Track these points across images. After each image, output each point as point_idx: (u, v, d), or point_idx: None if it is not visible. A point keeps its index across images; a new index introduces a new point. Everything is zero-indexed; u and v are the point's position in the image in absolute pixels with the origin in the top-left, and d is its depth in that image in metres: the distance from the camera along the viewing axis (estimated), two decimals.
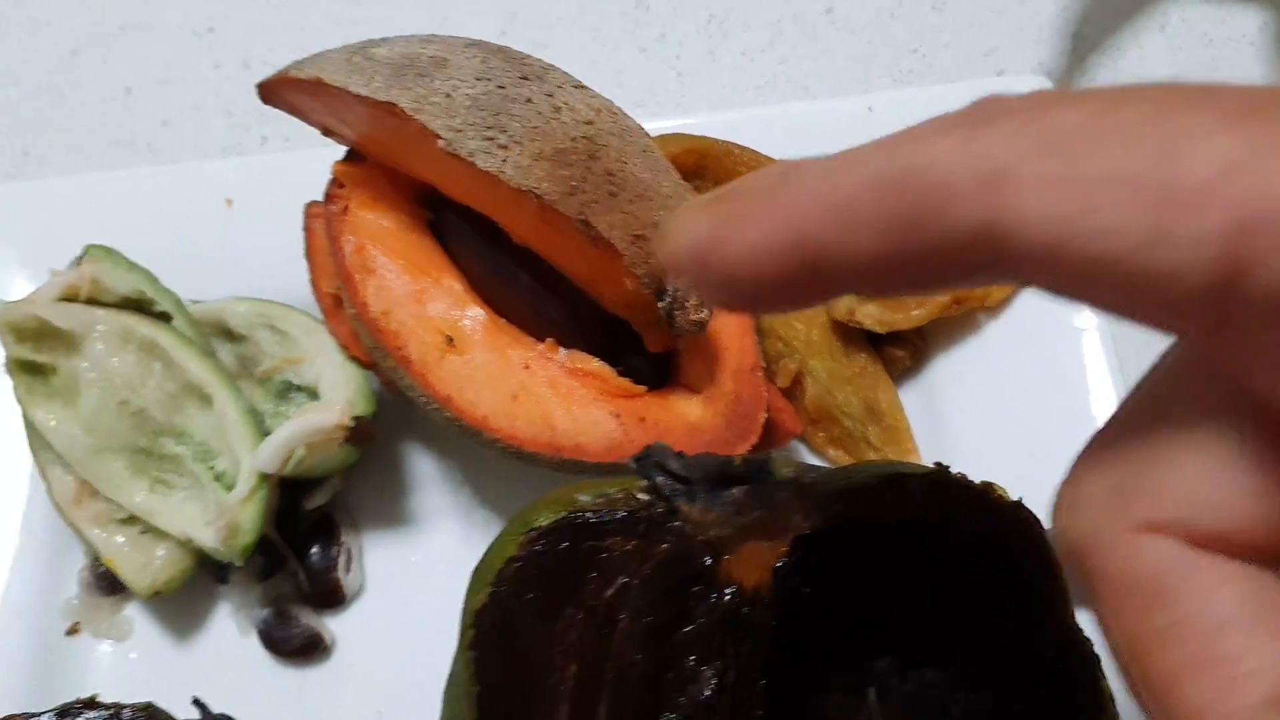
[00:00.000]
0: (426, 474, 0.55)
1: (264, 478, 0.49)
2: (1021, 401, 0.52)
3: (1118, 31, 0.64)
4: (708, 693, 0.40)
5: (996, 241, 0.19)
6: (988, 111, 0.20)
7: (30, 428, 0.52)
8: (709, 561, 0.40)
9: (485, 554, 0.41)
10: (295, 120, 0.64)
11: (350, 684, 0.51)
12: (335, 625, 0.52)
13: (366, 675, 0.51)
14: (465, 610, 0.40)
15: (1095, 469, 0.21)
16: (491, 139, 0.43)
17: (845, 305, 0.52)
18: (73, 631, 0.53)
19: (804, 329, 0.53)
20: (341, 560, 0.52)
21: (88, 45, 0.69)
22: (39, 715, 0.44)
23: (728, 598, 0.40)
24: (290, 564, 0.52)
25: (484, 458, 0.54)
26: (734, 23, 0.66)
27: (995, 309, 0.53)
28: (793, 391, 0.53)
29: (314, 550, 0.52)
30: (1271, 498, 0.19)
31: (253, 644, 0.52)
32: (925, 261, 0.21)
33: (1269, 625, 0.18)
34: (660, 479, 0.40)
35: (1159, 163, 0.18)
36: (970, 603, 0.43)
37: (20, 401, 0.52)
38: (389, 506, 0.54)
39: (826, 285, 0.23)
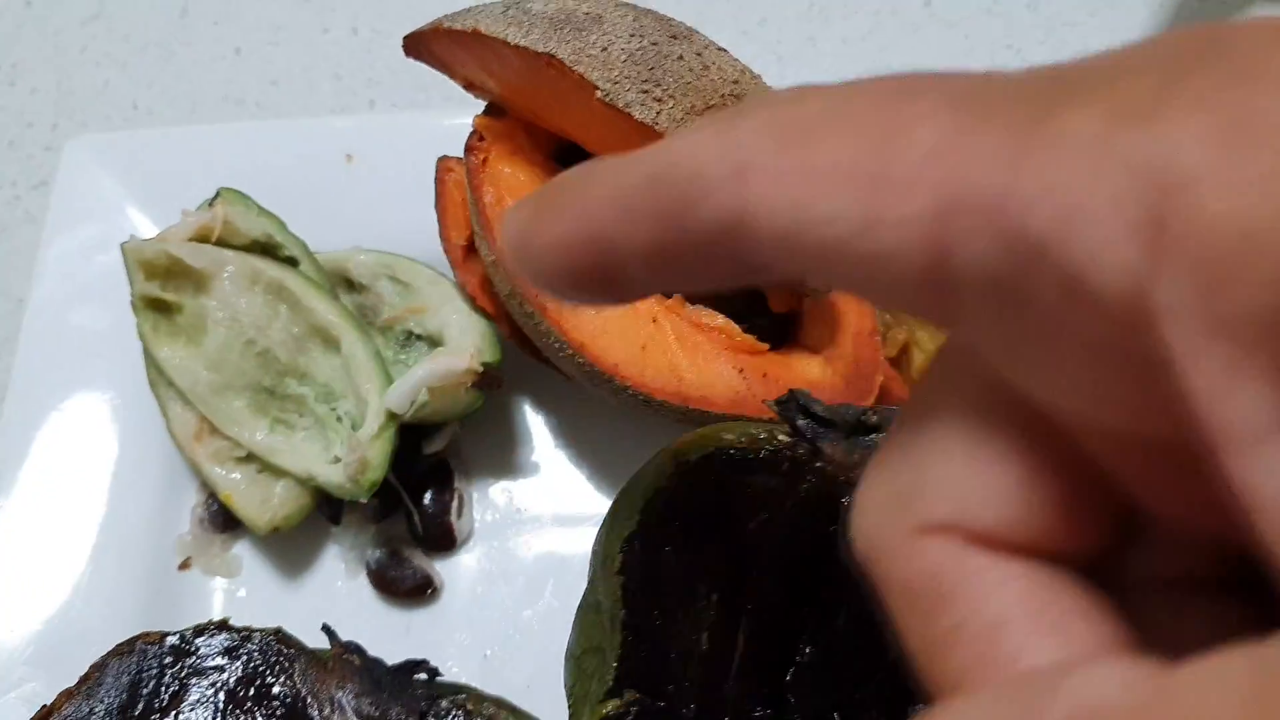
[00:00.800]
0: (537, 430, 0.56)
1: (393, 417, 0.50)
2: None
3: None
4: (843, 620, 0.41)
5: (745, 231, 0.19)
6: (749, 105, 0.21)
7: (152, 364, 0.54)
8: (848, 500, 0.41)
9: (629, 484, 0.42)
10: (401, 87, 0.66)
11: (457, 626, 0.52)
12: (444, 569, 0.54)
13: (473, 618, 0.52)
14: (613, 537, 0.41)
15: (880, 473, 0.21)
16: (647, 92, 0.44)
17: None
18: (184, 566, 0.54)
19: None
20: (454, 505, 0.54)
21: (198, 4, 0.70)
22: (175, 633, 0.45)
23: None
24: (405, 507, 0.53)
25: (594, 418, 0.56)
26: (835, 10, 0.68)
27: None
28: (899, 361, 0.55)
29: (428, 494, 0.54)
30: (1033, 492, 0.18)
31: (360, 585, 0.53)
32: (691, 253, 0.21)
33: (1047, 622, 0.18)
34: (802, 421, 0.42)
35: (876, 149, 0.18)
36: None
37: (144, 338, 0.53)
38: (501, 457, 0.56)
39: (620, 278, 0.23)
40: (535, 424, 0.56)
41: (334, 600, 0.53)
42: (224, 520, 0.54)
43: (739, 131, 0.20)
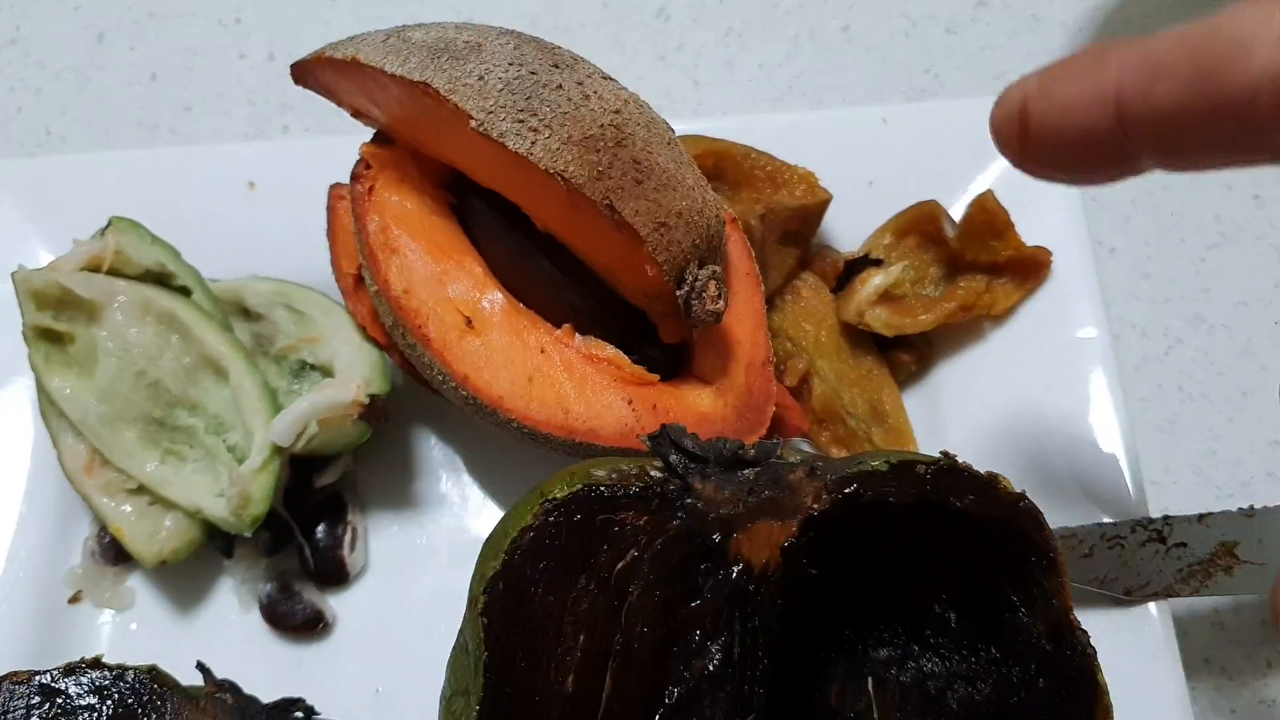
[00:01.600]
0: (434, 460, 0.55)
1: (277, 450, 0.49)
2: (1022, 408, 0.53)
3: None
4: (713, 666, 0.40)
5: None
6: None
7: (44, 395, 0.53)
8: (719, 538, 0.40)
9: (499, 523, 0.42)
10: (315, 111, 0.66)
11: (349, 661, 0.52)
12: (337, 603, 0.53)
13: (366, 653, 0.52)
14: (476, 578, 0.41)
15: None
16: (523, 121, 0.44)
17: (855, 308, 0.53)
18: (75, 600, 0.53)
19: (813, 331, 0.54)
20: (347, 539, 0.53)
21: (115, 30, 0.70)
22: (44, 672, 0.44)
23: (736, 575, 0.40)
24: (296, 540, 0.53)
25: (491, 446, 0.55)
26: (752, 36, 0.67)
27: (1000, 318, 0.54)
28: (800, 391, 0.54)
29: (320, 528, 0.53)
30: None
31: (254, 619, 0.53)
32: (1221, 110, 0.24)
33: None
34: (674, 456, 0.41)
35: None
36: (971, 592, 0.43)
37: (36, 369, 0.53)
38: (396, 489, 0.55)
39: (1129, 140, 0.26)
40: (431, 454, 0.55)
41: (226, 635, 0.52)
42: (116, 553, 0.53)
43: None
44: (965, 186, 0.56)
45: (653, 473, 0.41)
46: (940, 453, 0.41)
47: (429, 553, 0.54)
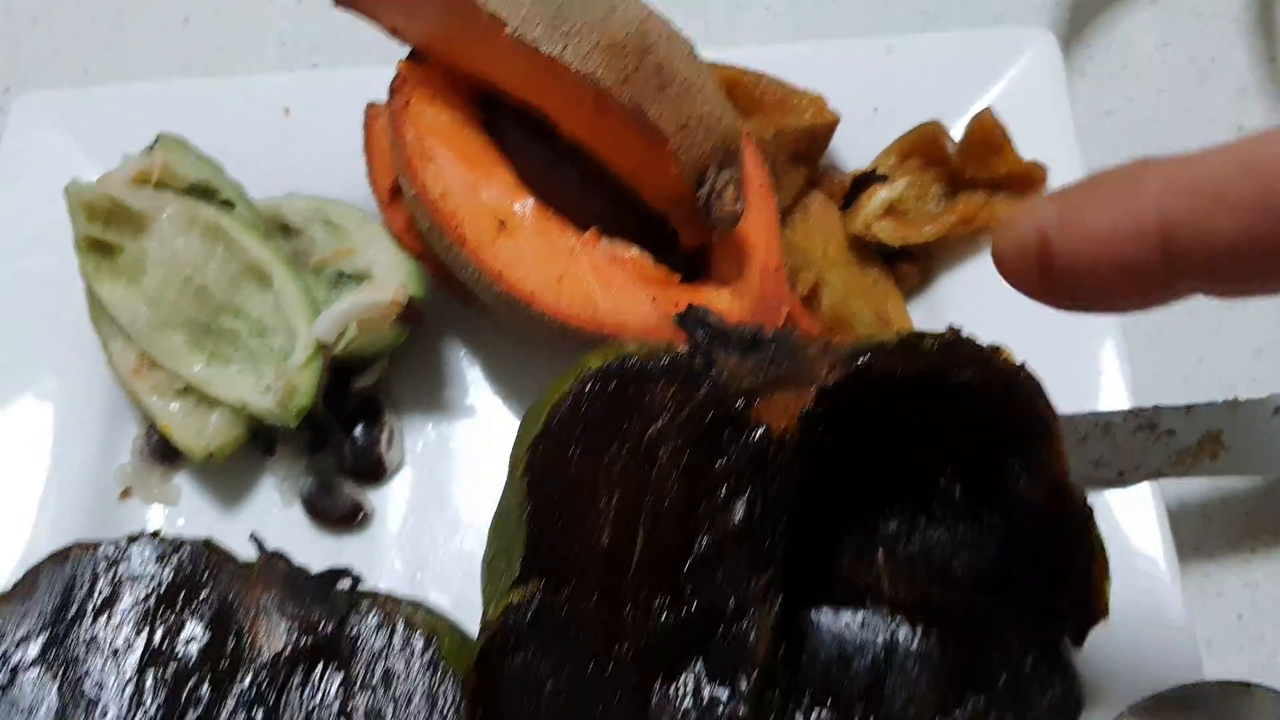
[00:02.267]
0: (464, 369, 0.58)
1: (320, 347, 0.52)
2: (1019, 317, 0.56)
3: (1116, 2, 0.70)
4: (737, 519, 0.43)
5: None
6: None
7: (94, 303, 0.56)
8: (741, 407, 0.44)
9: (539, 398, 0.45)
10: (343, 49, 0.69)
11: (388, 551, 0.55)
12: (375, 498, 0.56)
13: (403, 543, 0.55)
14: (518, 443, 0.44)
15: None
16: (554, 28, 0.47)
17: (862, 220, 0.57)
18: (125, 495, 0.56)
19: (822, 244, 0.57)
20: (384, 437, 0.56)
21: None
22: (106, 542, 0.47)
23: (757, 439, 0.43)
24: (336, 438, 0.56)
25: (519, 356, 0.58)
26: None
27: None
28: (810, 301, 0.57)
29: (359, 427, 0.56)
30: None
31: (295, 514, 0.56)
32: None
33: None
34: (700, 333, 0.44)
35: None
36: (974, 465, 0.47)
37: (87, 278, 0.56)
38: (428, 395, 0.58)
39: (1174, 274, 0.23)
40: (461, 361, 0.58)
41: (268, 529, 0.55)
42: (163, 451, 0.56)
43: None
44: (965, 110, 0.59)
45: (680, 350, 0.44)
46: (947, 327, 0.44)
47: (461, 452, 0.57)
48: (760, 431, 0.44)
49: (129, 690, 0.44)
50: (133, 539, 0.47)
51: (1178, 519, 0.56)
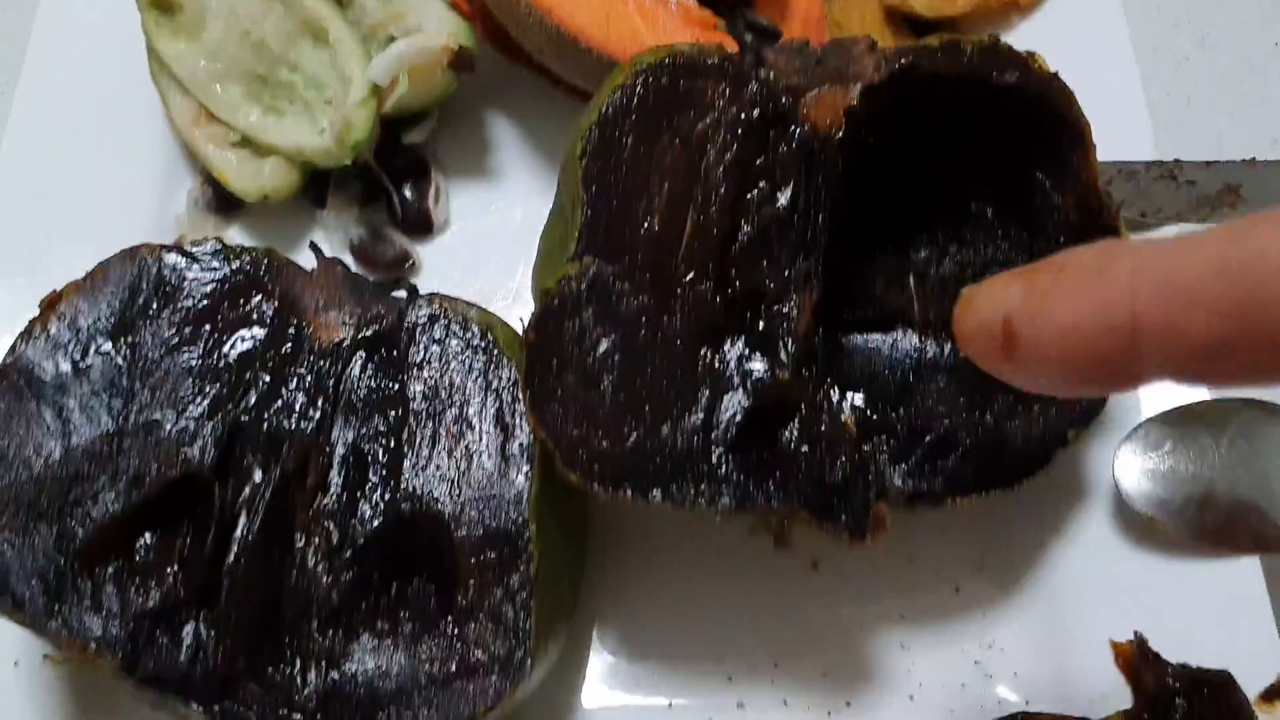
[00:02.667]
0: (510, 131, 0.61)
1: (375, 90, 0.54)
2: None
3: None
4: (781, 208, 0.45)
5: None
6: None
7: (154, 59, 0.58)
8: (788, 102, 0.46)
9: (594, 95, 0.47)
10: None
11: None
12: (423, 252, 0.58)
13: (450, 291, 0.56)
14: (575, 134, 0.46)
15: None
16: None
17: None
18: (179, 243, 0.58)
19: (858, 15, 0.59)
20: (431, 193, 0.58)
21: None
22: (173, 246, 0.48)
23: (803, 134, 0.45)
24: (385, 192, 0.57)
25: (565, 122, 0.60)
26: None
27: (1028, 10, 0.59)
28: None
29: (407, 183, 0.58)
30: None
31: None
32: (1265, 345, 0.21)
33: None
34: (750, 36, 0.46)
35: None
36: (1005, 183, 0.49)
37: (148, 34, 0.57)
38: (474, 159, 0.60)
39: (1138, 368, 0.22)
40: (507, 127, 0.60)
41: None
42: (218, 202, 0.58)
43: None
44: None
45: (730, 52, 0.46)
46: (987, 35, 0.46)
47: (505, 211, 0.59)
48: (807, 127, 0.46)
49: (192, 374, 0.46)
50: (197, 243, 0.48)
51: None
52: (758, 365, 0.44)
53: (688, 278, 0.44)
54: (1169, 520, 0.47)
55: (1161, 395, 0.50)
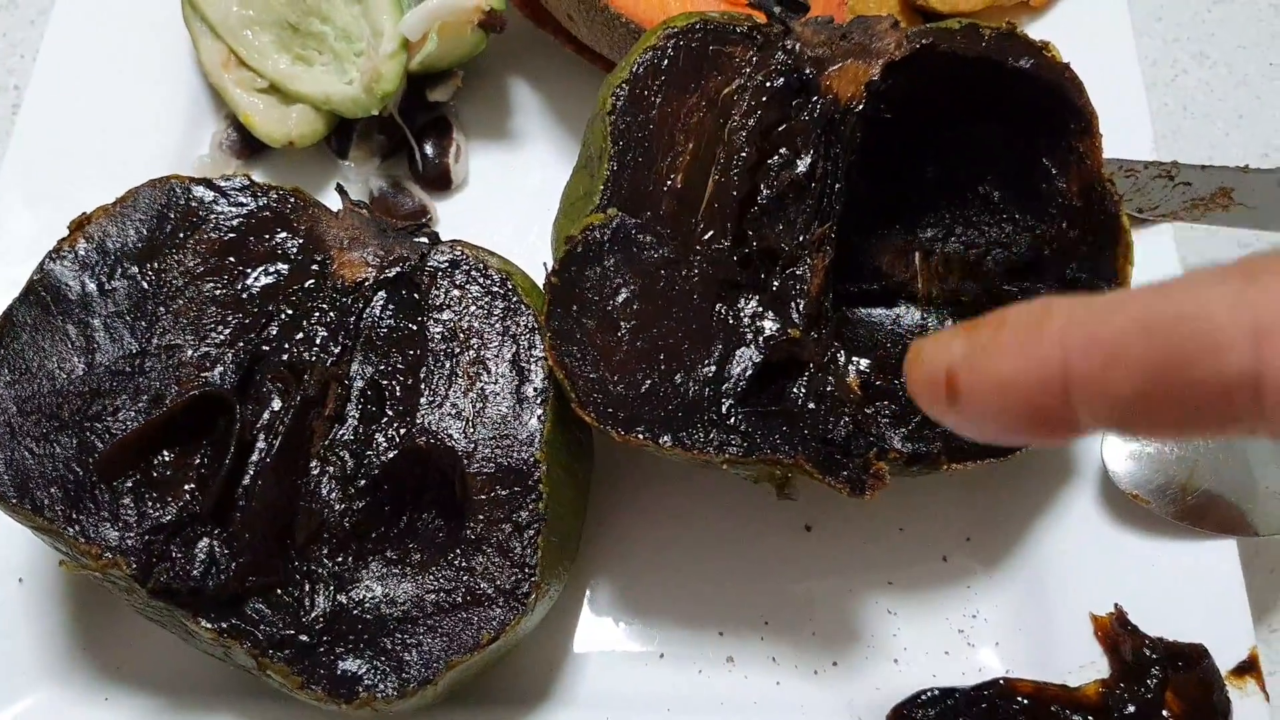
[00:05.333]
0: (532, 98, 0.62)
1: (405, 43, 0.56)
2: None
3: None
4: (800, 174, 0.47)
5: (1260, 391, 0.21)
6: (1258, 267, 0.22)
7: (187, 1, 0.59)
8: (812, 73, 0.47)
9: (625, 56, 0.48)
10: None
11: None
12: (441, 209, 0.59)
13: None
14: (604, 89, 0.47)
15: None
16: None
17: None
18: None
19: (877, 6, 0.61)
20: (452, 151, 0.59)
21: None
22: (198, 180, 0.49)
23: (824, 104, 0.47)
24: (407, 147, 0.59)
25: (583, 90, 0.61)
26: None
27: (1039, 10, 0.62)
28: None
29: (429, 139, 0.59)
30: None
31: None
32: (1184, 403, 0.22)
33: None
34: (777, 7, 0.48)
35: None
36: (1011, 169, 0.50)
37: None
38: (495, 122, 0.61)
39: (1073, 419, 0.23)
40: (529, 92, 0.62)
41: None
42: (242, 146, 0.59)
43: (1258, 295, 0.21)
44: None
45: (759, 21, 0.48)
46: (1018, 21, 0.48)
47: (522, 173, 0.60)
48: (829, 98, 0.47)
49: (215, 302, 0.47)
50: (226, 177, 0.49)
51: None
52: (770, 322, 0.46)
53: (706, 235, 0.46)
54: (1152, 500, 0.49)
55: None
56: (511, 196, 0.60)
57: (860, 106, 0.47)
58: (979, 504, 0.52)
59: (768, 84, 0.47)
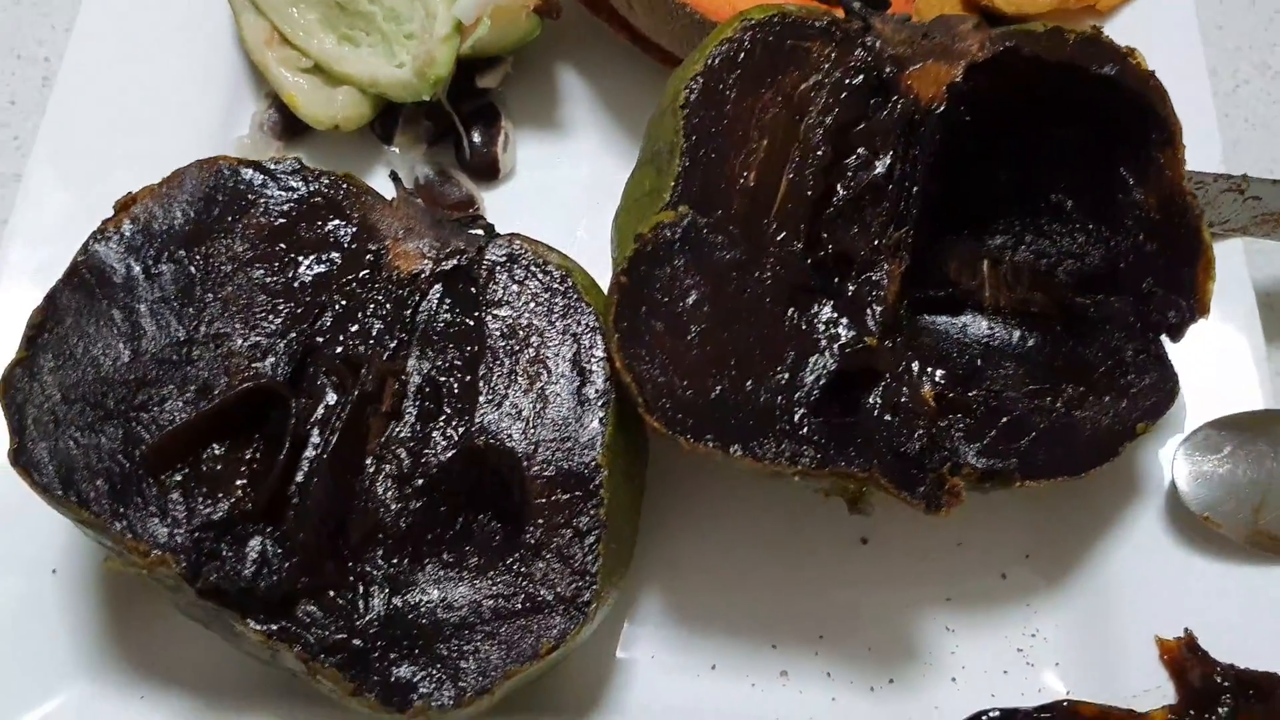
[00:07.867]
0: (583, 91, 0.60)
1: (458, 27, 0.54)
2: None
3: None
4: (878, 171, 0.45)
5: None
6: None
7: None
8: (892, 73, 0.46)
9: (698, 48, 0.46)
10: None
11: None
12: (487, 199, 0.57)
13: None
14: (676, 80, 0.45)
15: None
16: None
17: None
18: None
19: (939, 5, 0.60)
20: (500, 140, 0.57)
21: None
22: (247, 161, 0.47)
23: (904, 105, 0.46)
24: (454, 134, 0.57)
25: (637, 84, 0.60)
26: None
27: (1104, 14, 0.60)
28: None
29: (477, 126, 0.57)
30: None
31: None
32: None
33: None
34: (857, 3, 0.46)
35: None
36: (1087, 177, 0.49)
37: None
38: (544, 112, 0.60)
39: None
40: (581, 83, 0.60)
41: None
42: (283, 127, 0.57)
43: None
44: None
45: (839, 16, 0.47)
46: (1090, 25, 0.47)
47: (572, 165, 0.59)
48: (910, 98, 0.46)
49: (266, 290, 0.45)
50: (276, 160, 0.47)
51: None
52: (844, 330, 0.44)
53: (779, 236, 0.44)
54: (1224, 523, 0.48)
55: (1220, 401, 0.51)
56: (560, 188, 0.58)
57: (941, 108, 0.46)
58: (1039, 520, 0.51)
59: (846, 81, 0.46)
